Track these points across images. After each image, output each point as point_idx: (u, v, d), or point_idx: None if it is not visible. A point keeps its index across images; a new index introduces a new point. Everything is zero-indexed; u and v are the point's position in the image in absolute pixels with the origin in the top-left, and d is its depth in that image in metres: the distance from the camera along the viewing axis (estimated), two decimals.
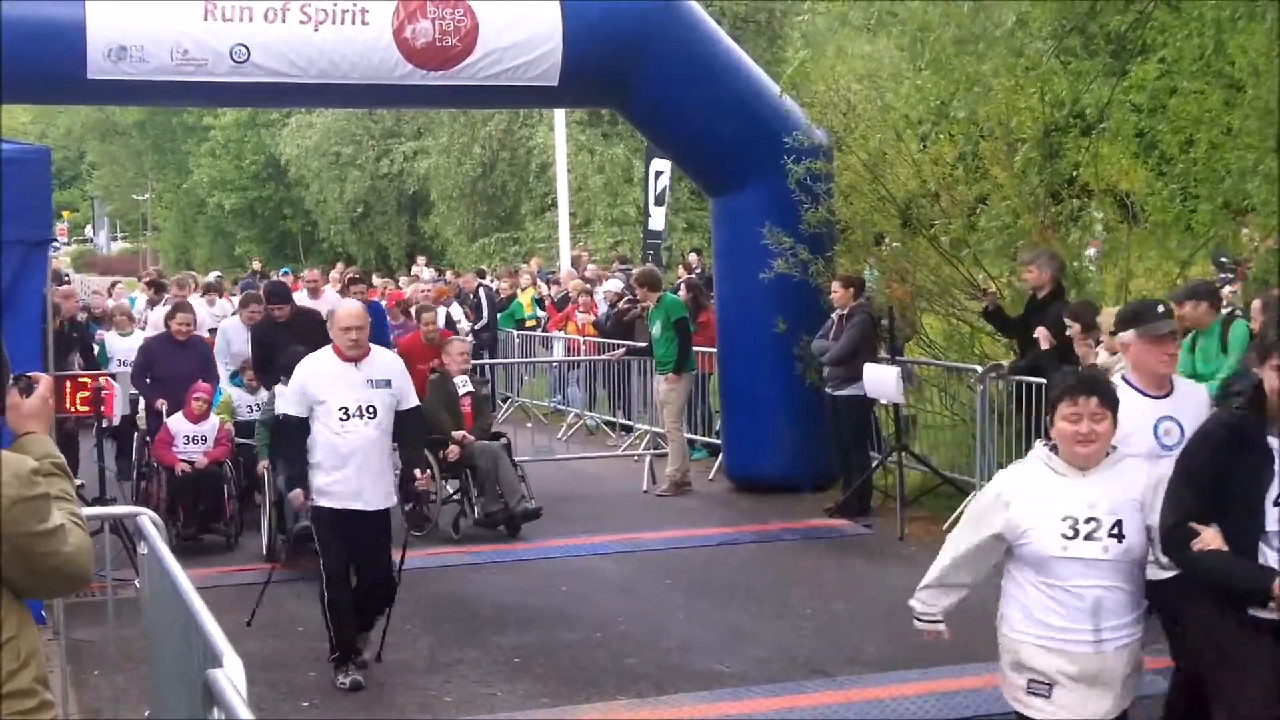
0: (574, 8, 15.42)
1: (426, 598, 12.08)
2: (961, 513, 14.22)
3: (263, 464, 14.23)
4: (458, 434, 14.79)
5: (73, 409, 12.93)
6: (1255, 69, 12.82)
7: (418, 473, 10.56)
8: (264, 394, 15.43)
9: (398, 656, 10.64)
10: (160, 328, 17.84)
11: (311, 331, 14.22)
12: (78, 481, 12.79)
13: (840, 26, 16.13)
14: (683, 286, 20.37)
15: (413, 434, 10.69)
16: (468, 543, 14.50)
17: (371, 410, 10.14)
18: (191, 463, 14.63)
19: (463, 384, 15.28)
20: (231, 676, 4.84)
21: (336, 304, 13.64)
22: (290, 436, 10.49)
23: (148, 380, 15.83)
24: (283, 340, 14.53)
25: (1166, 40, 13.91)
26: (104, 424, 14.15)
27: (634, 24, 15.70)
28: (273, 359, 14.63)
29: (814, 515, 15.31)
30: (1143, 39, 14.43)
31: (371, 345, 10.53)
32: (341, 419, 10.07)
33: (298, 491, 10.33)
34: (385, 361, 10.59)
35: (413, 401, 10.56)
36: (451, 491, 15.44)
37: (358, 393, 10.15)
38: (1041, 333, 12.94)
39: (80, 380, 13.16)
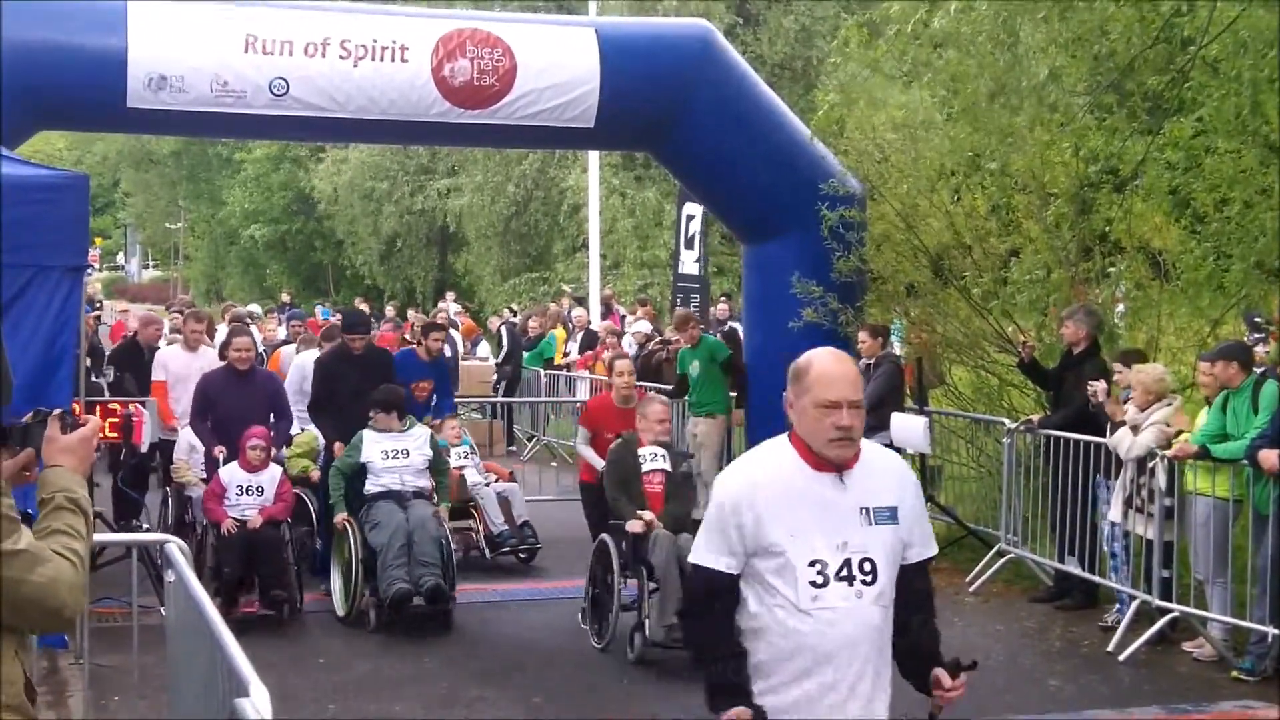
0: (613, 51, 15.50)
1: (447, 634, 12.05)
2: (985, 566, 14.26)
3: (341, 516, 12.93)
4: (646, 515, 11.69)
5: (103, 436, 13.01)
6: None
7: None
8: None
9: (417, 691, 10.63)
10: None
11: (380, 371, 14.33)
12: (100, 508, 12.89)
13: (872, 74, 16.14)
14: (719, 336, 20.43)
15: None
16: (489, 579, 14.47)
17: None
18: (243, 521, 12.73)
19: (652, 457, 12.02)
20: (258, 705, 4.85)
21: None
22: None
23: (208, 423, 13.75)
24: (350, 376, 14.19)
25: (1203, 100, 13.91)
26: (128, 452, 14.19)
27: (673, 69, 15.76)
28: (334, 396, 14.29)
29: None
30: (1179, 97, 14.43)
31: None
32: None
33: None
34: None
35: None
36: (627, 599, 11.91)
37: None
38: (1099, 386, 12.89)
39: (110, 407, 13.22)
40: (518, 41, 15.32)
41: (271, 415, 13.92)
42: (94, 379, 19.79)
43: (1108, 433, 12.58)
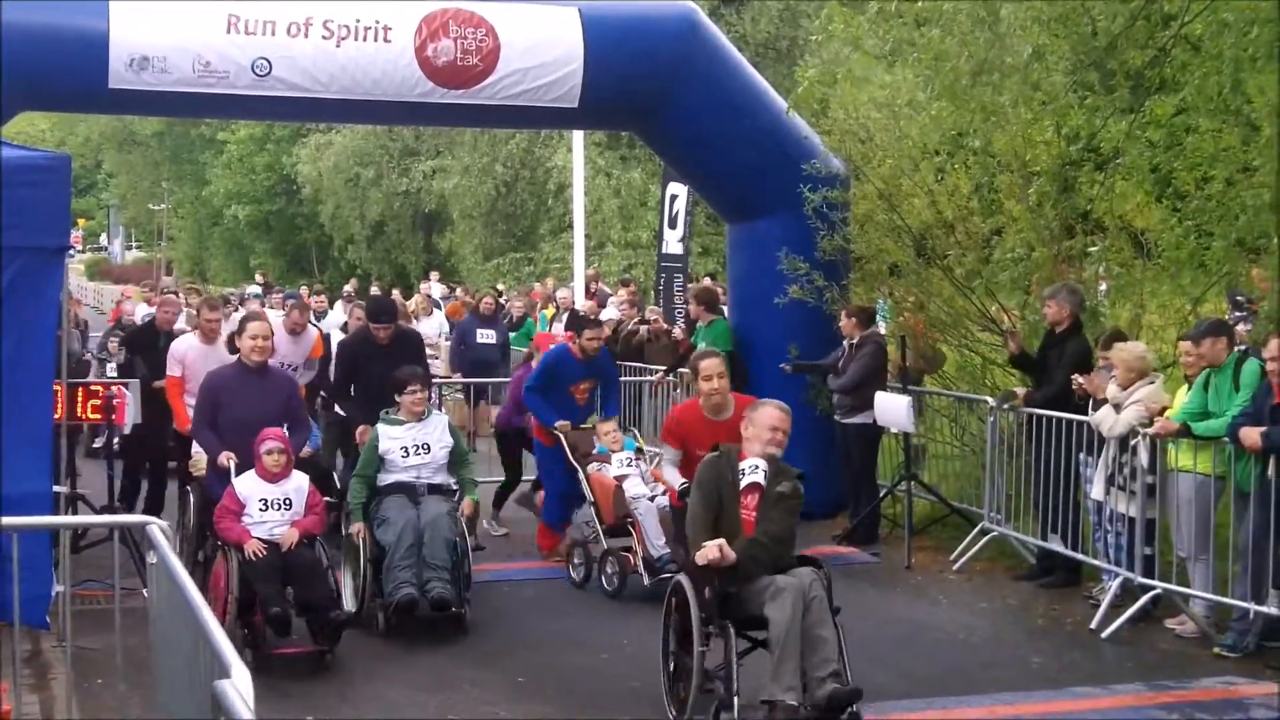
0: (597, 31, 15.48)
1: (435, 617, 12.06)
2: (969, 544, 14.30)
3: (357, 527, 11.96)
4: (714, 544, 9.05)
5: (84, 417, 12.98)
6: (1275, 109, 12.83)
7: None
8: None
9: (405, 675, 10.64)
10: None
11: (410, 357, 13.52)
12: (83, 490, 12.87)
13: (854, 51, 16.14)
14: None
15: None
16: (476, 561, 14.47)
17: None
18: (272, 542, 10.95)
19: (751, 469, 9.47)
20: (239, 687, 4.85)
21: None
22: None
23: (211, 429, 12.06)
24: (375, 362, 13.49)
25: (1184, 79, 13.92)
26: (112, 434, 14.15)
27: (657, 50, 15.74)
28: (358, 383, 13.89)
29: (822, 542, 15.27)
30: (1160, 75, 14.44)
31: None
32: None
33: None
34: None
35: None
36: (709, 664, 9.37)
37: None
38: (1082, 379, 12.90)
39: (92, 388, 13.19)
40: (501, 21, 15.30)
41: (286, 425, 11.83)
42: (84, 359, 19.74)
43: (1090, 409, 12.62)
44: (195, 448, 12.84)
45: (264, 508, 11.07)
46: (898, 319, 17.10)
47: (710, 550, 9.04)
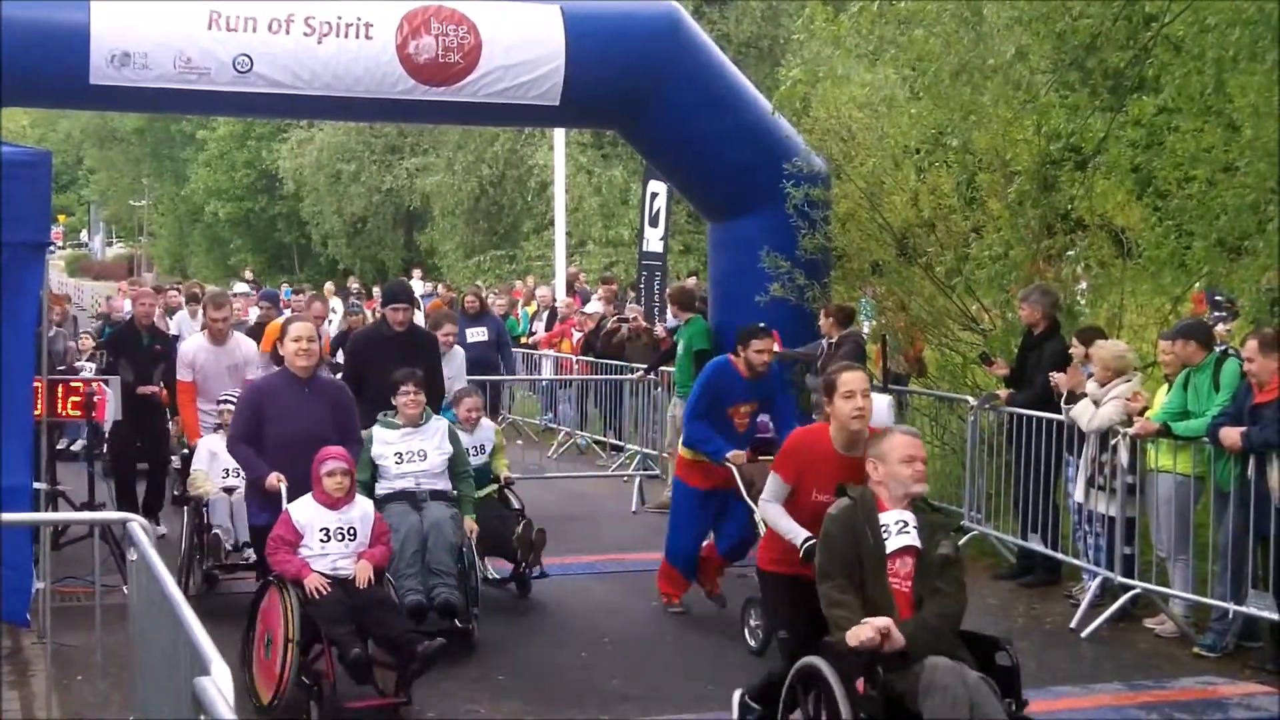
0: (579, 30, 15.48)
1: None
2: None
3: None
4: (874, 623, 7.12)
5: (64, 413, 12.93)
6: (1256, 110, 12.86)
7: None
8: (485, 431, 12.72)
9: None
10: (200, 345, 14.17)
11: (424, 353, 12.70)
12: (61, 486, 12.82)
13: (836, 51, 16.17)
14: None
15: None
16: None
17: None
18: (336, 578, 9.53)
19: (899, 528, 7.52)
20: (219, 684, 4.85)
21: None
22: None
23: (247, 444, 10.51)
24: (386, 359, 12.18)
25: (1165, 78, 13.95)
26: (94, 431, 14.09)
27: (639, 48, 15.75)
28: (366, 380, 12.26)
29: None
30: (1141, 75, 14.47)
31: None
32: None
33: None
34: None
35: None
36: None
37: None
38: (1061, 378, 12.90)
39: (72, 385, 13.15)
40: (483, 19, 15.29)
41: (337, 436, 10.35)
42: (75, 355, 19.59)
43: (1062, 405, 12.65)
44: (195, 463, 12.58)
45: (325, 538, 9.61)
46: (880, 319, 17.12)
47: (867, 631, 7.05)
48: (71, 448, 17.40)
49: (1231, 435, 10.75)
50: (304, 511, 9.71)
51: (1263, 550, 10.86)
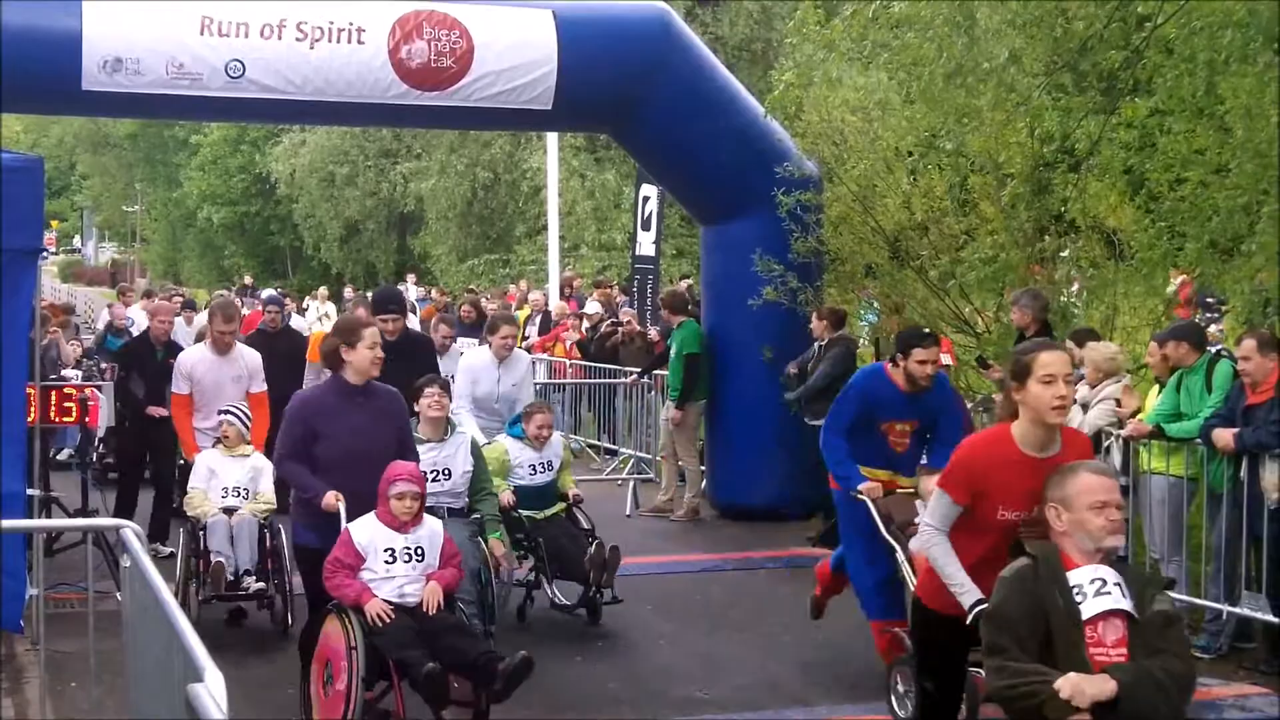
0: (571, 33, 15.48)
1: None
2: None
3: None
4: (1081, 681, 5.66)
5: (58, 419, 12.87)
6: (1248, 111, 12.88)
7: None
8: (555, 448, 12.25)
9: None
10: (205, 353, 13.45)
11: (420, 360, 12.15)
12: (55, 493, 12.80)
13: (829, 54, 16.17)
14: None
15: None
16: None
17: None
18: (403, 607, 8.76)
19: (1097, 588, 6.00)
20: (213, 691, 4.84)
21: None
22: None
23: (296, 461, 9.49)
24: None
25: (1158, 81, 13.97)
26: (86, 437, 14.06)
27: (631, 51, 15.76)
28: None
29: (798, 543, 15.33)
30: (1134, 77, 14.49)
31: None
32: None
33: None
34: None
35: None
36: None
37: None
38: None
39: (65, 391, 13.12)
40: (475, 23, 15.29)
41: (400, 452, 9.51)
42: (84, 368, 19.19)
43: None
44: (192, 480, 11.94)
45: (391, 560, 8.81)
46: (885, 325, 17.16)
47: (1078, 685, 5.64)
48: (58, 457, 17.15)
49: (1225, 436, 10.76)
50: (366, 532, 8.83)
51: (1256, 551, 10.88)
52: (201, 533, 11.53)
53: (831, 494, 10.79)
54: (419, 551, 8.88)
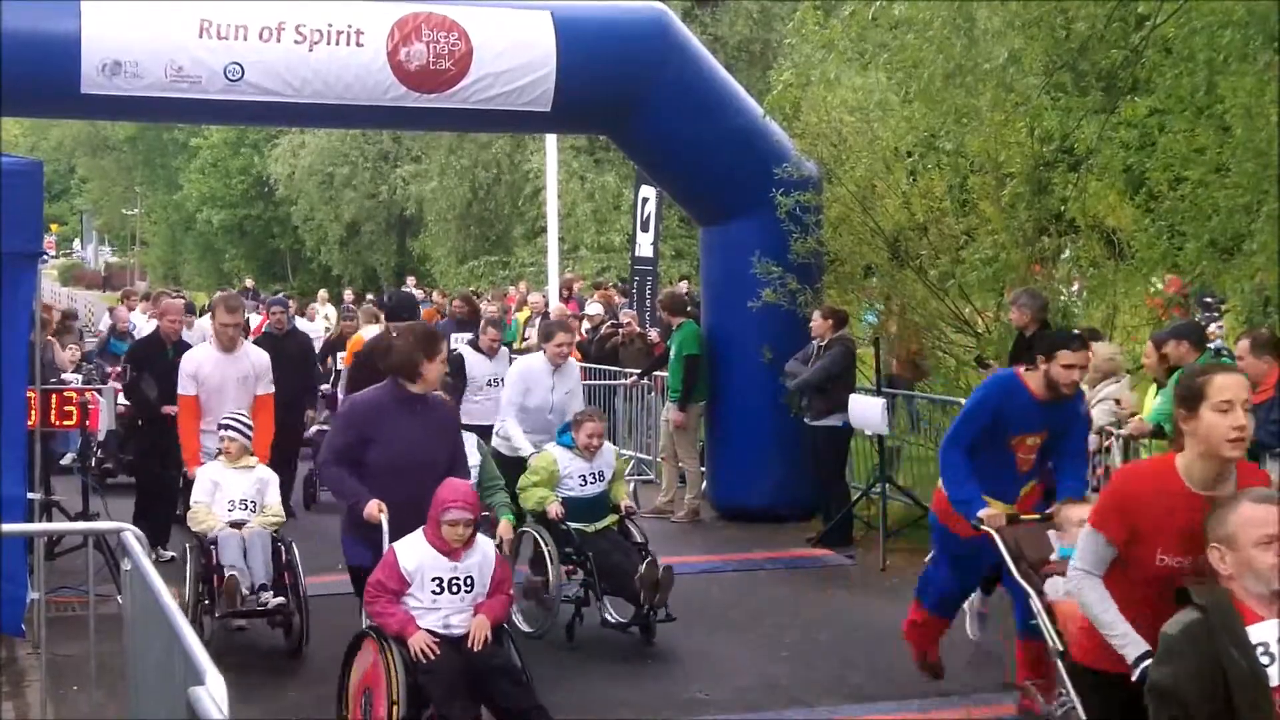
0: (569, 35, 15.46)
1: None
2: None
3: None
4: None
5: (58, 423, 12.85)
6: (1248, 111, 12.88)
7: None
8: (605, 457, 11.84)
9: None
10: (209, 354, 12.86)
11: None
12: (56, 497, 12.77)
13: (827, 55, 16.17)
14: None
15: None
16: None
17: None
18: (448, 638, 8.28)
19: None
20: (214, 694, 4.84)
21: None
22: None
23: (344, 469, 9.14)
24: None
25: (1157, 80, 13.98)
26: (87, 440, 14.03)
27: (629, 53, 15.75)
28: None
29: (797, 545, 15.32)
30: (1133, 76, 14.50)
31: None
32: None
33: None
34: None
35: None
36: None
37: None
38: None
39: (66, 395, 13.11)
40: (473, 25, 15.28)
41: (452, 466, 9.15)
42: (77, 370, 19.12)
43: None
44: (195, 494, 11.32)
45: (438, 589, 8.32)
46: (884, 326, 17.15)
47: None
48: (61, 461, 17.03)
49: None
50: (413, 555, 8.33)
51: None
52: (212, 547, 10.88)
53: (933, 514, 9.92)
54: (469, 581, 8.38)
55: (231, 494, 11.29)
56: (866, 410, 14.54)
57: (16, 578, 10.19)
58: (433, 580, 8.30)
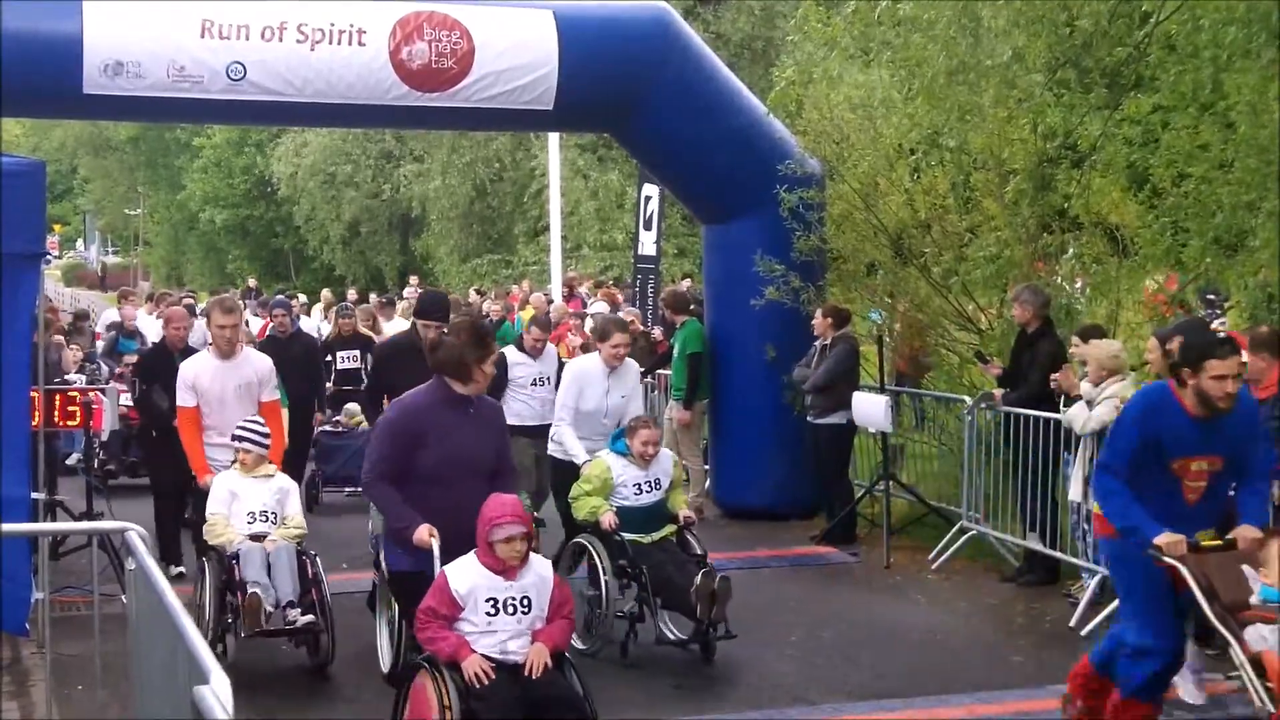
0: (571, 33, 15.45)
1: None
2: (948, 543, 14.31)
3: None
4: None
5: (62, 423, 12.83)
6: (1253, 107, 12.87)
7: None
8: (663, 464, 11.18)
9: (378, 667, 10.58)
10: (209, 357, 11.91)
11: None
12: (59, 496, 12.76)
13: (830, 52, 16.16)
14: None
15: None
16: None
17: None
18: (504, 664, 7.68)
19: None
20: (218, 693, 4.84)
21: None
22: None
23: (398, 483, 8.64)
24: (414, 368, 10.47)
25: (1161, 76, 13.97)
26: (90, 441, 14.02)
27: (631, 51, 15.73)
28: (392, 392, 10.34)
29: (801, 543, 15.32)
30: (1136, 73, 14.49)
31: None
32: None
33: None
34: None
35: None
36: None
37: None
38: (1061, 377, 12.90)
39: (69, 395, 13.10)
40: (475, 24, 15.27)
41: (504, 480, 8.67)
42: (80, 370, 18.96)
43: (1060, 405, 12.66)
44: (211, 505, 10.63)
45: (494, 610, 7.72)
46: (891, 325, 17.15)
47: None
48: (67, 462, 16.99)
49: None
50: (465, 577, 7.76)
51: None
52: (234, 563, 10.21)
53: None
54: (525, 602, 7.76)
55: (251, 505, 10.57)
56: (870, 408, 14.54)
57: (21, 578, 10.20)
58: (487, 602, 7.70)
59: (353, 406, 17.34)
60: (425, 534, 8.13)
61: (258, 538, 10.37)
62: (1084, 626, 11.78)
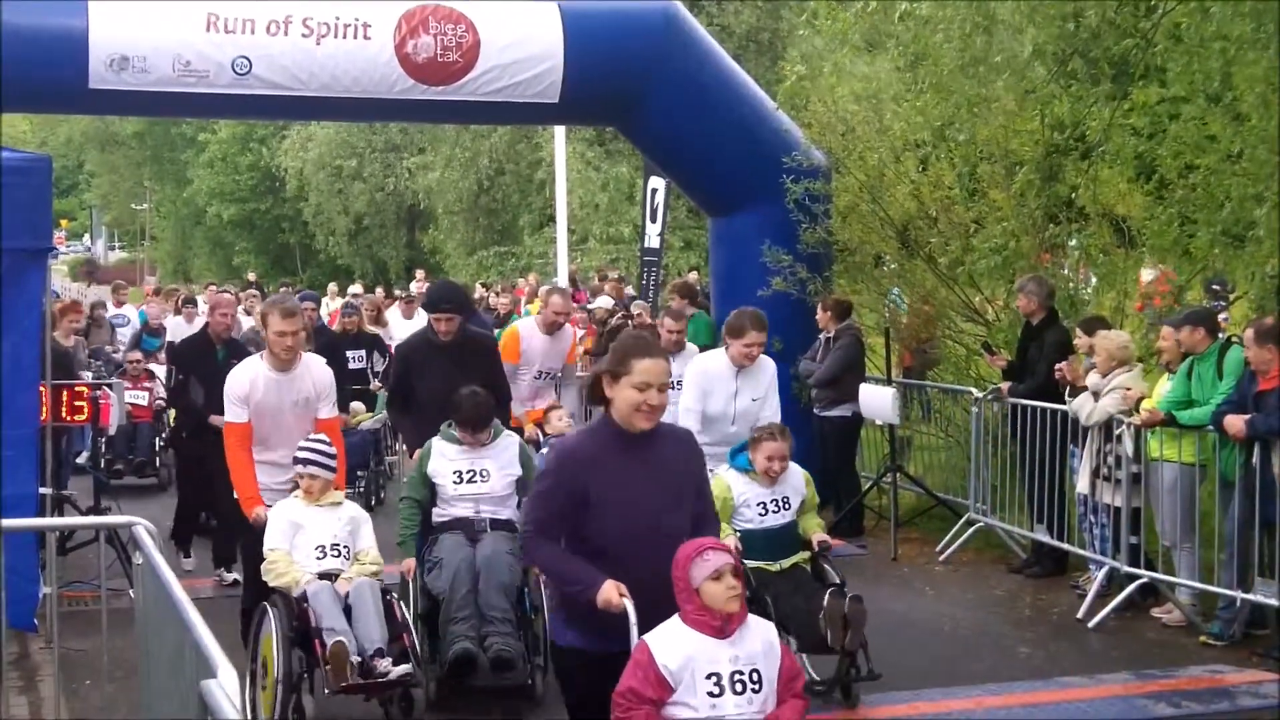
0: (576, 27, 15.44)
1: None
2: (955, 535, 14.31)
3: (408, 564, 9.55)
4: None
5: (69, 418, 12.82)
6: (1264, 99, 12.84)
7: None
8: (792, 482, 9.91)
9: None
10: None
11: (475, 363, 10.68)
12: (68, 491, 12.76)
13: (840, 46, 16.14)
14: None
15: None
16: None
17: None
18: None
19: None
20: (226, 687, 4.84)
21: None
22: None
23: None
24: (434, 369, 10.50)
25: (1169, 66, 13.95)
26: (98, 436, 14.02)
27: (637, 45, 15.72)
28: (413, 394, 10.75)
29: None
30: (1144, 64, 14.47)
31: None
32: None
33: None
34: None
35: None
36: None
37: None
38: (1067, 367, 12.89)
39: (77, 389, 13.10)
40: (481, 17, 15.26)
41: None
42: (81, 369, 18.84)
43: (1067, 396, 12.66)
44: (270, 539, 9.12)
45: (717, 690, 5.76)
46: (910, 315, 17.15)
47: None
48: (77, 460, 16.79)
49: (1236, 423, 10.73)
50: (674, 648, 5.82)
51: (1269, 538, 10.85)
52: (305, 606, 8.81)
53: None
54: (754, 676, 5.83)
55: (318, 538, 9.12)
56: (877, 400, 14.53)
57: (29, 573, 10.21)
58: (708, 678, 5.77)
59: (357, 405, 17.30)
60: (613, 592, 6.02)
61: (328, 576, 8.97)
62: (1091, 618, 11.78)
